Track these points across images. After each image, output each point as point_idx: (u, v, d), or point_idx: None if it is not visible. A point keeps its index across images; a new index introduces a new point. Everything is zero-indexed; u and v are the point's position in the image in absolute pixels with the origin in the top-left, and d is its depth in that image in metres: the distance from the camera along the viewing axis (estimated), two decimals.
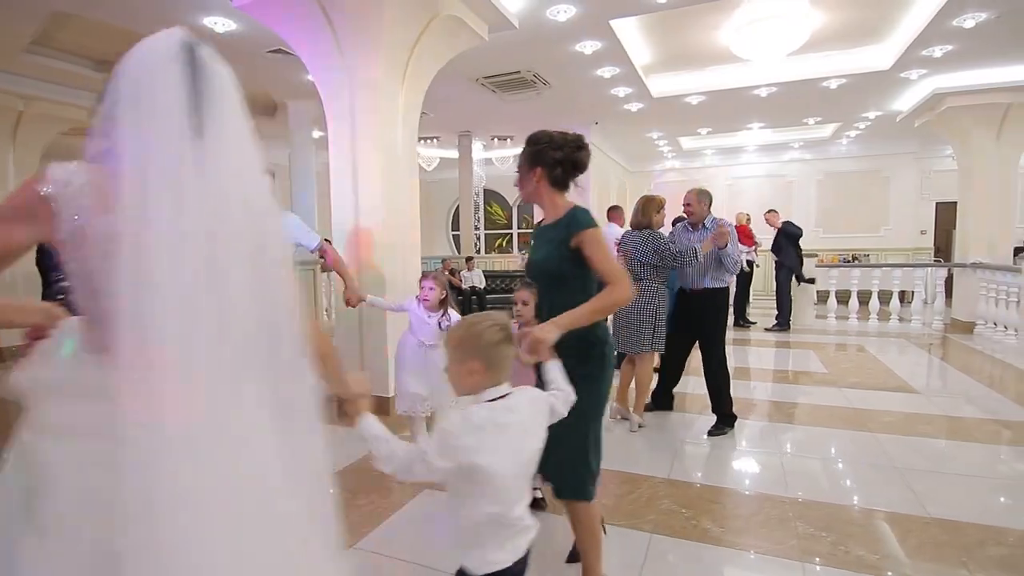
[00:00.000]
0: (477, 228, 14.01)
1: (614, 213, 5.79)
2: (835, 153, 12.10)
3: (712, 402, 3.85)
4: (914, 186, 11.81)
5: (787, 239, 8.04)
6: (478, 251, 13.22)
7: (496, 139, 10.90)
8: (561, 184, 1.90)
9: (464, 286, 10.30)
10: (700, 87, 7.56)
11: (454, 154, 10.99)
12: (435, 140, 10.97)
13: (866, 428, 3.78)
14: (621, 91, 7.46)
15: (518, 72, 6.65)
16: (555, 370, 1.62)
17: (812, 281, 8.39)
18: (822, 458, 3.37)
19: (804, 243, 8.33)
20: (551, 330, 1.62)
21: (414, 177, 4.64)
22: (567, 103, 7.98)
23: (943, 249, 11.46)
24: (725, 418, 3.78)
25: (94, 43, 6.27)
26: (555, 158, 1.85)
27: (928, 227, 11.82)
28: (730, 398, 3.80)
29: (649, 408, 4.11)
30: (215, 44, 0.93)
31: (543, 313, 1.88)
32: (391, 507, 2.73)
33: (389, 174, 4.18)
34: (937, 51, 6.07)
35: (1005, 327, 6.80)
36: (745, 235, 8.45)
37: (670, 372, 4.19)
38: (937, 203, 11.60)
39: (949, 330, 7.84)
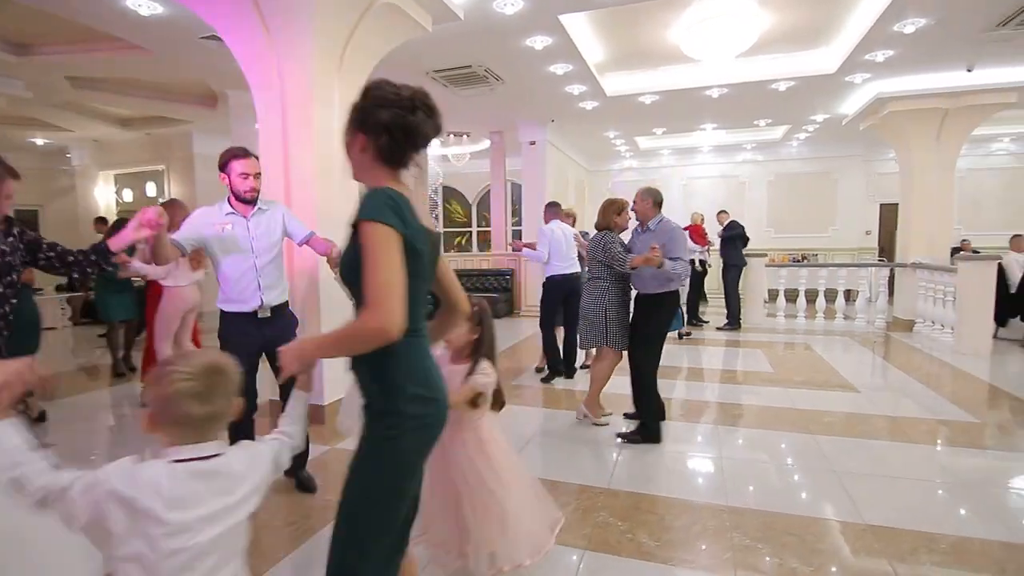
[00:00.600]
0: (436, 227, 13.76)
1: (550, 210, 5.56)
2: (786, 155, 12.36)
3: (634, 404, 3.79)
4: (860, 188, 12.18)
5: (732, 240, 8.15)
6: None
7: (452, 135, 10.67)
8: (390, 159, 1.35)
9: None
10: (653, 87, 7.54)
11: None
12: None
13: (807, 430, 3.78)
14: (575, 89, 7.37)
15: (469, 66, 6.46)
16: (296, 402, 1.40)
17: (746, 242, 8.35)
18: (763, 463, 3.33)
19: (756, 243, 8.44)
20: (298, 355, 1.32)
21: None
22: (522, 100, 7.85)
23: (887, 249, 11.86)
24: (642, 427, 3.64)
25: (14, 27, 5.80)
26: (381, 121, 1.31)
27: (873, 228, 12.21)
28: (651, 405, 3.66)
29: (632, 417, 3.94)
30: (141, 28, 0.74)
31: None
32: (314, 527, 2.54)
33: (325, 171, 3.94)
34: (879, 56, 6.20)
35: (942, 325, 7.03)
36: (699, 235, 8.52)
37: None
38: (881, 204, 11.99)
39: (891, 328, 8.08)
